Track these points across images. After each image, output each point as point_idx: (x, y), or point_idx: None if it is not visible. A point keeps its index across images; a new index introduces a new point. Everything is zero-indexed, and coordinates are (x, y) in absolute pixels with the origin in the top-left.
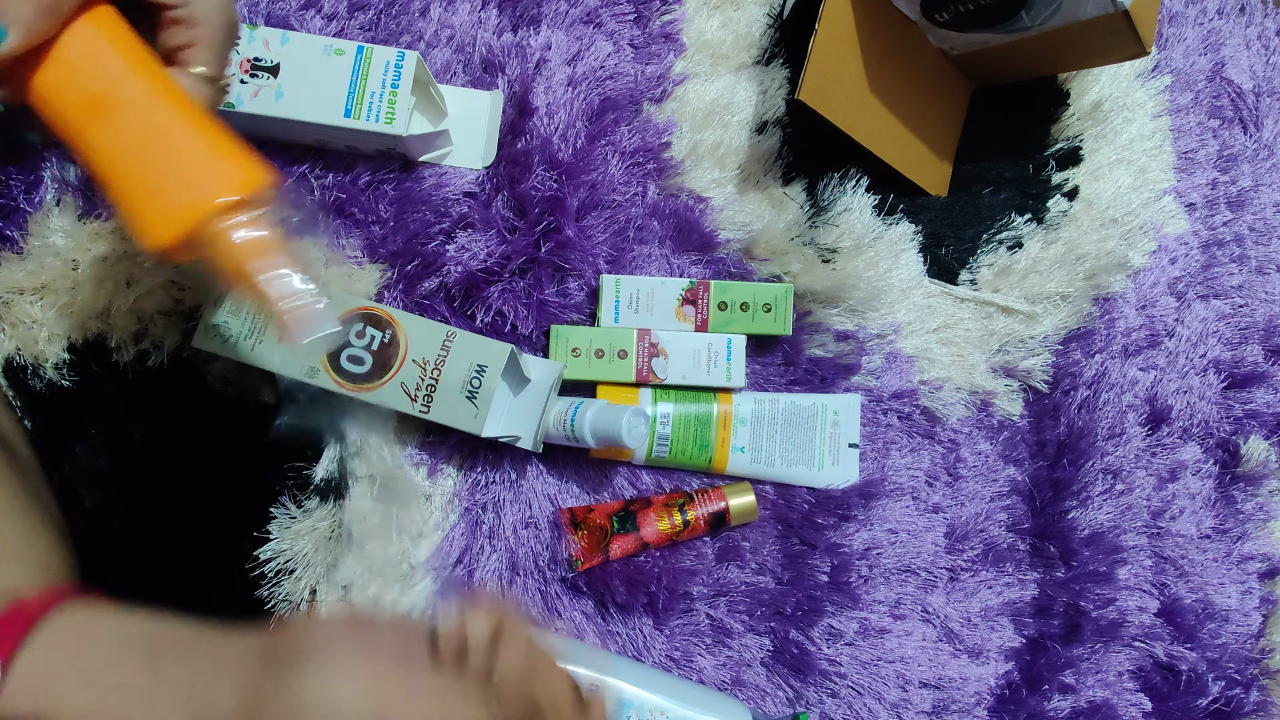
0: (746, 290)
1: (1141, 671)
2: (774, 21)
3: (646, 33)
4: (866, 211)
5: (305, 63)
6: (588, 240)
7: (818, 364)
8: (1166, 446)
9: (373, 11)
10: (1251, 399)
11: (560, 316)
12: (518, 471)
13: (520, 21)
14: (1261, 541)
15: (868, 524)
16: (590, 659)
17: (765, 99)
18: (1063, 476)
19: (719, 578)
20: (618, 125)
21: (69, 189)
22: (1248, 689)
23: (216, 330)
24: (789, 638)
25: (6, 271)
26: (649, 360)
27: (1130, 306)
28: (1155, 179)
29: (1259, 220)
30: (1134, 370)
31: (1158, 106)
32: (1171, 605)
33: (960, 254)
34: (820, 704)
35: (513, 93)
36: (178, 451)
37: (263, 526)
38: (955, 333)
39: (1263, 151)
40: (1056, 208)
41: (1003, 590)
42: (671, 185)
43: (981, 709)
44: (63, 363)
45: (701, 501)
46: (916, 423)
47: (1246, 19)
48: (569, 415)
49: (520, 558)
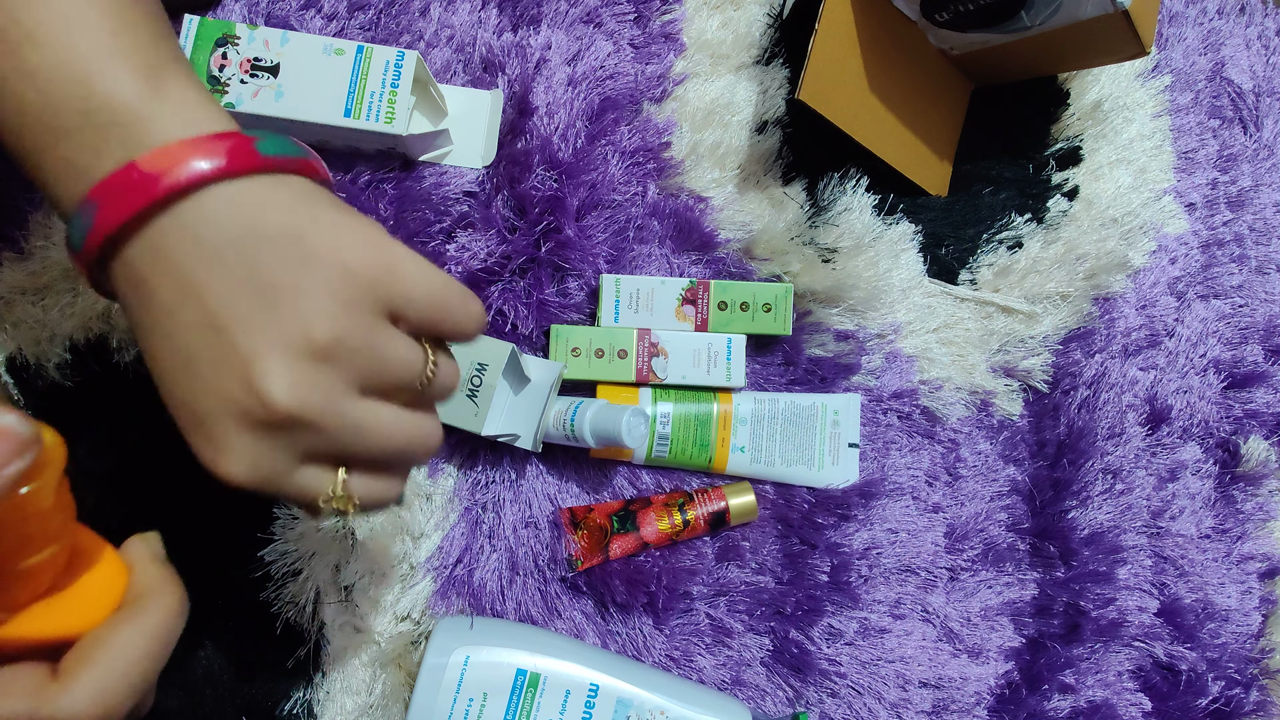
0: (746, 290)
1: (1141, 671)
2: (774, 21)
3: (646, 32)
4: (866, 211)
5: (305, 63)
6: (588, 240)
7: (818, 364)
8: (1166, 446)
9: (373, 11)
10: (1251, 399)
11: (560, 316)
12: (518, 471)
13: (520, 21)
14: (1261, 541)
15: (868, 524)
16: (590, 659)
17: (765, 99)
18: (1063, 476)
19: (719, 577)
20: (618, 125)
21: None
22: (1248, 689)
23: None
24: (789, 637)
25: (8, 271)
26: (649, 360)
27: (1130, 306)
28: (1155, 179)
29: (1259, 220)
30: (1134, 370)
31: (1158, 106)
32: (1171, 605)
33: (960, 254)
34: (820, 704)
35: (513, 92)
36: (179, 452)
37: (266, 527)
38: (955, 332)
39: (1263, 151)
40: (1056, 208)
41: (1003, 590)
42: (671, 185)
43: (981, 709)
44: (64, 363)
45: (701, 501)
46: (916, 423)
47: (1246, 19)
48: (569, 415)
49: (520, 557)
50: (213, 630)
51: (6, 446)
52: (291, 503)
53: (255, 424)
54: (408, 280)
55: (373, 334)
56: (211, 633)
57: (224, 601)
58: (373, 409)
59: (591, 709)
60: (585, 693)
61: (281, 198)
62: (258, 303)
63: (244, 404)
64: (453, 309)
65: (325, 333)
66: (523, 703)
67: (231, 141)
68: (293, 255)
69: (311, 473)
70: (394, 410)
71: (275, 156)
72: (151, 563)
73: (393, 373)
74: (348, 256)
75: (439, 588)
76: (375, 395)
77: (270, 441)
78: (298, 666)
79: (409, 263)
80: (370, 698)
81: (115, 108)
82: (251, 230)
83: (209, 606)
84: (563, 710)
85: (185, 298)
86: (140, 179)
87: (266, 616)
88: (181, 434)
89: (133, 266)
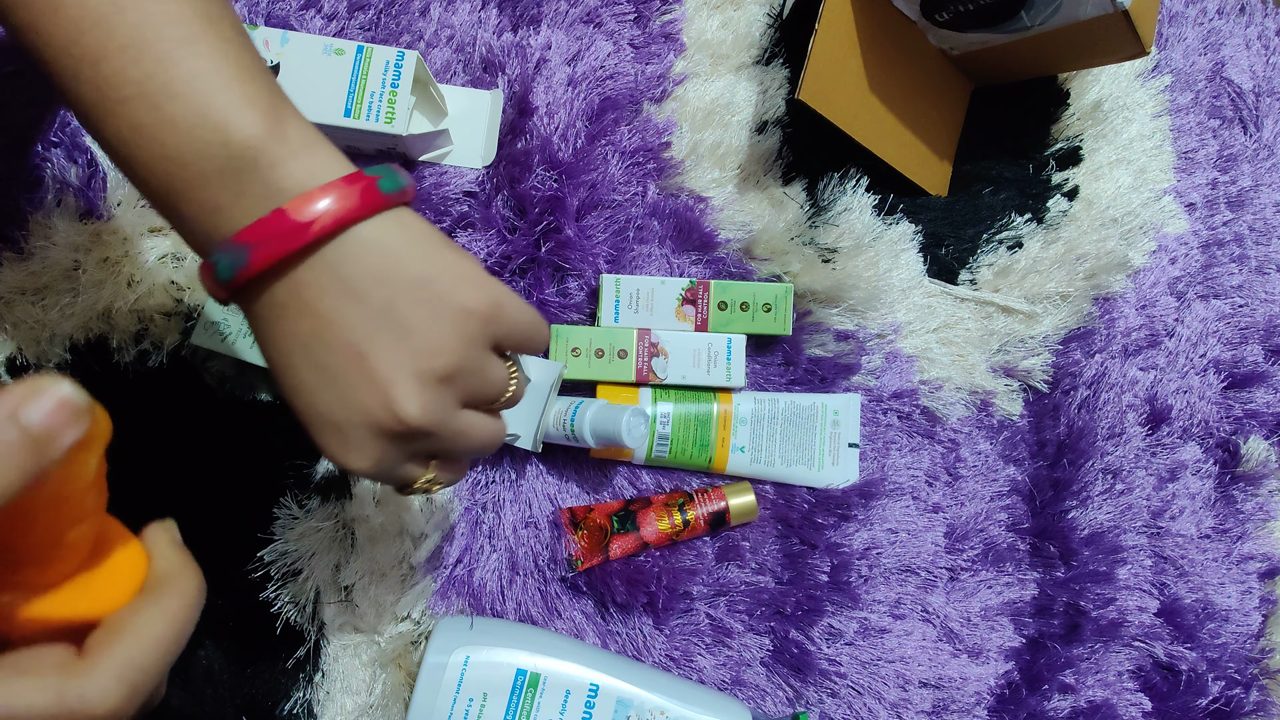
0: (746, 290)
1: (1141, 671)
2: (774, 21)
3: (646, 32)
4: (866, 211)
5: (305, 62)
6: (588, 240)
7: (818, 364)
8: (1166, 446)
9: (372, 11)
10: (1251, 399)
11: (560, 316)
12: (518, 471)
13: (520, 21)
14: (1261, 541)
15: (868, 524)
16: (590, 659)
17: (765, 99)
18: (1063, 476)
19: (719, 577)
20: (618, 125)
21: (70, 189)
22: (1248, 689)
23: (216, 328)
24: (789, 637)
25: (8, 271)
26: (649, 360)
27: (1130, 306)
28: (1155, 179)
29: (1259, 220)
30: (1134, 370)
31: (1158, 106)
32: (1171, 605)
33: (960, 254)
34: (820, 704)
35: (513, 92)
36: (179, 452)
37: (266, 528)
38: (955, 332)
39: (1263, 151)
40: (1056, 208)
41: (1003, 590)
42: (671, 185)
43: (981, 709)
44: (64, 363)
45: (701, 501)
46: (916, 422)
47: (1246, 19)
48: (569, 415)
49: (520, 558)
50: (213, 630)
51: (65, 413)
52: (389, 485)
53: (386, 433)
54: (510, 316)
55: (481, 360)
56: (211, 632)
57: (224, 601)
58: (469, 418)
59: (591, 709)
60: (585, 693)
61: (410, 238)
62: (394, 334)
63: (379, 418)
64: (535, 336)
65: (448, 363)
66: (523, 703)
67: (362, 184)
68: (424, 296)
69: (411, 466)
70: (482, 417)
71: (392, 194)
72: (170, 548)
73: (490, 391)
74: (466, 299)
75: (439, 588)
76: (471, 406)
77: (393, 445)
78: (298, 666)
79: (509, 300)
80: (370, 698)
81: (251, 154)
82: (389, 273)
83: (209, 606)
84: (563, 710)
85: (328, 326)
86: (291, 227)
87: (266, 616)
88: (310, 433)
89: (275, 295)
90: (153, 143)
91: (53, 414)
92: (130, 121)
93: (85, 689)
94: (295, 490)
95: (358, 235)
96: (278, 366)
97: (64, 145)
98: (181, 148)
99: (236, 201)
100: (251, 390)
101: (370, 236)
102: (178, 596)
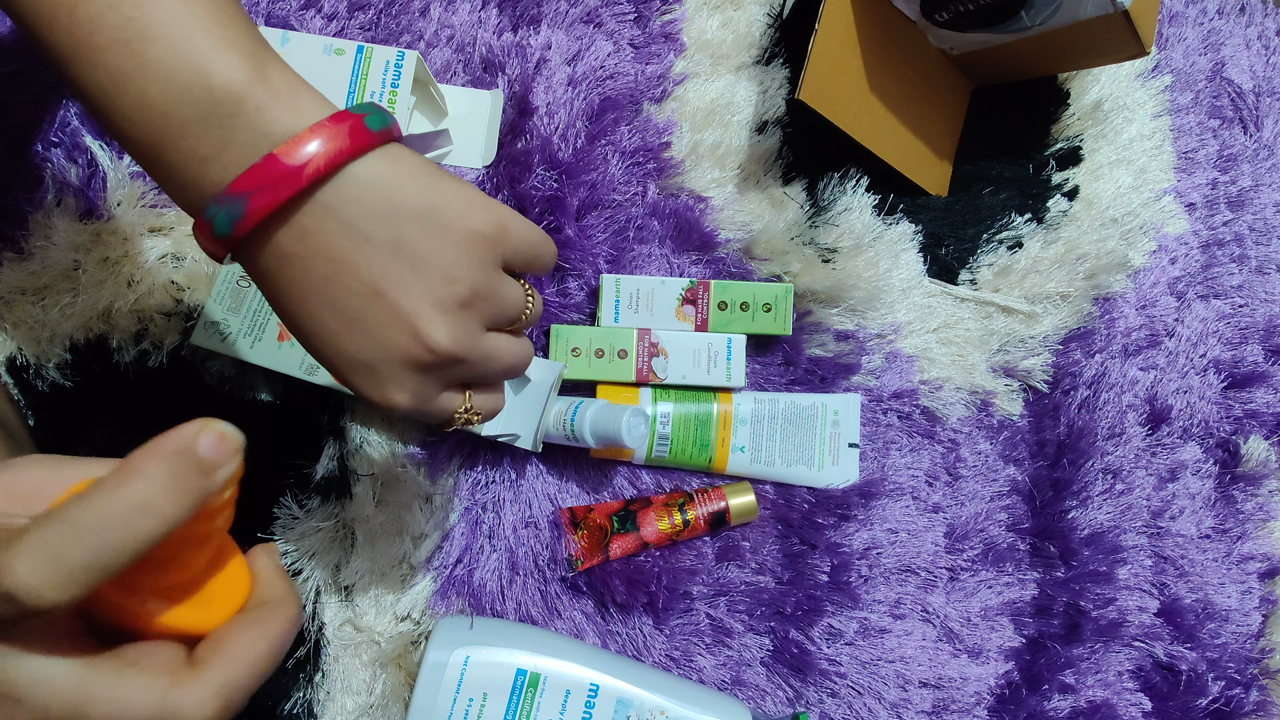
0: (746, 290)
1: (1141, 671)
2: (774, 21)
3: (646, 32)
4: (866, 211)
5: (305, 62)
6: (588, 240)
7: (818, 364)
8: (1166, 446)
9: (373, 11)
10: (1251, 399)
11: (560, 316)
12: (518, 471)
13: (520, 21)
14: (1261, 541)
15: (868, 524)
16: (590, 659)
17: (765, 99)
18: (1063, 476)
19: (719, 577)
20: (618, 125)
21: (70, 189)
22: (1248, 689)
23: (216, 328)
24: (789, 637)
25: (8, 271)
26: (649, 360)
27: (1130, 306)
28: (1155, 179)
29: (1259, 220)
30: (1134, 370)
31: (1158, 106)
32: (1171, 605)
33: (960, 254)
34: (820, 704)
35: (513, 92)
36: None
37: (266, 528)
38: (955, 332)
39: (1263, 151)
40: (1056, 208)
41: (1003, 590)
42: (671, 185)
43: (981, 709)
44: (64, 363)
45: (701, 501)
46: (916, 422)
47: (1246, 19)
48: (569, 415)
49: (520, 557)
50: None
51: (226, 448)
52: (431, 421)
53: (419, 365)
54: (516, 234)
55: (496, 282)
56: None
57: None
58: (495, 340)
59: (591, 709)
60: (585, 693)
61: (405, 172)
62: (408, 268)
63: (410, 350)
64: (543, 253)
65: (466, 288)
66: (523, 703)
67: (349, 123)
68: (430, 226)
69: (448, 396)
70: (506, 338)
71: (381, 131)
72: (275, 572)
73: (510, 310)
74: (472, 223)
75: (439, 588)
76: (494, 329)
77: (428, 376)
78: (298, 666)
79: (513, 219)
80: (370, 698)
81: (235, 98)
82: (391, 209)
83: None
84: (563, 710)
85: (342, 269)
86: (285, 171)
87: None
88: (344, 379)
89: (279, 246)
90: (132, 90)
91: (217, 447)
92: (108, 69)
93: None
94: (295, 490)
95: (353, 175)
96: (295, 316)
97: (64, 145)
98: (163, 94)
99: (224, 149)
100: (251, 390)
101: (366, 175)
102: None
